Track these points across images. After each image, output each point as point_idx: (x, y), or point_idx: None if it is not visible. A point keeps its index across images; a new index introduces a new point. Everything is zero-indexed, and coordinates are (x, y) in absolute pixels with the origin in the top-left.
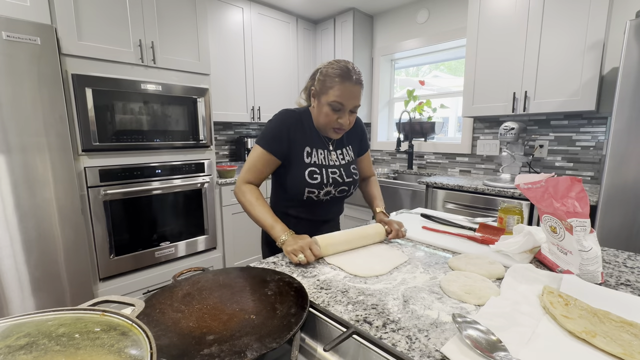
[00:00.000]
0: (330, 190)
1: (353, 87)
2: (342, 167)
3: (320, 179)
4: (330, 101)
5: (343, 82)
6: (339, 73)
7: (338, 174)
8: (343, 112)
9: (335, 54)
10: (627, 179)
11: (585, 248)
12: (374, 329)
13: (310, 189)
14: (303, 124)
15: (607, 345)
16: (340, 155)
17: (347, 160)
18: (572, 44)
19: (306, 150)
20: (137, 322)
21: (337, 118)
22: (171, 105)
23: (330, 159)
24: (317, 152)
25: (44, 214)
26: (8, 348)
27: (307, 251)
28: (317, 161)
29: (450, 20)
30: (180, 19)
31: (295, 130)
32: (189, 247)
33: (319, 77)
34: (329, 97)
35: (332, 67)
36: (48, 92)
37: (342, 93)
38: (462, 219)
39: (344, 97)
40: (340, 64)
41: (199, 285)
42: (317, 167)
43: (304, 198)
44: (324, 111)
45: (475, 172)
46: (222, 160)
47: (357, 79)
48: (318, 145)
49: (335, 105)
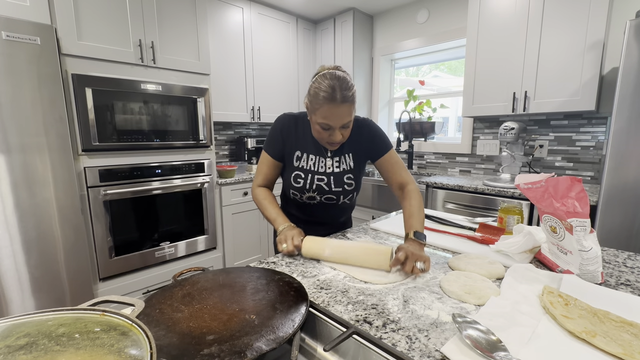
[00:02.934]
0: (313, 196)
1: (338, 108)
2: (333, 176)
3: (302, 184)
4: (318, 122)
5: (328, 104)
6: (324, 96)
7: (325, 181)
8: (333, 130)
9: (335, 54)
10: (627, 179)
11: (585, 248)
12: (374, 329)
13: (294, 191)
14: (297, 129)
15: (607, 345)
16: (336, 162)
17: (343, 168)
18: (572, 44)
19: (296, 154)
20: (137, 322)
21: (329, 135)
22: (171, 105)
23: (323, 165)
24: (308, 157)
25: (43, 214)
26: (8, 348)
27: (288, 240)
28: (304, 166)
29: (450, 20)
30: (180, 19)
31: (287, 134)
32: (189, 247)
33: (310, 91)
34: (317, 117)
35: (317, 86)
36: (48, 92)
37: (327, 115)
38: (462, 219)
39: (330, 119)
40: (327, 83)
41: (199, 285)
42: (303, 171)
43: (291, 198)
44: (316, 128)
45: (475, 172)
46: (222, 160)
47: (342, 98)
48: (311, 150)
49: (323, 125)
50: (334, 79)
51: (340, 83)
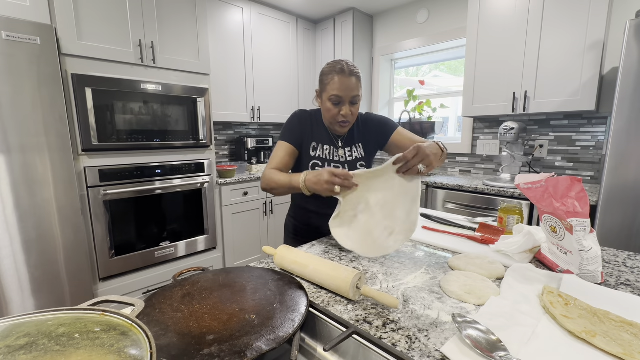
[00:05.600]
0: None
1: (347, 79)
2: (347, 164)
3: None
4: (329, 96)
5: (338, 76)
6: (333, 69)
7: (341, 169)
8: (343, 104)
9: (335, 54)
10: (627, 179)
11: (585, 248)
12: (374, 328)
13: None
14: (312, 121)
15: (607, 345)
16: (348, 152)
17: (355, 157)
18: (572, 44)
19: (312, 145)
20: (137, 322)
21: (339, 111)
22: (171, 105)
23: (337, 154)
24: (322, 147)
25: (43, 214)
26: (8, 348)
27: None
28: (321, 155)
29: (450, 20)
30: (180, 19)
31: (305, 125)
32: (189, 247)
33: (320, 77)
34: (328, 92)
35: (327, 66)
36: (48, 92)
37: (338, 86)
38: (462, 219)
39: (341, 89)
40: (334, 62)
41: (199, 285)
42: (320, 160)
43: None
44: (327, 107)
45: (475, 172)
46: (222, 160)
47: (350, 71)
48: (325, 141)
49: (334, 99)
50: (341, 60)
51: (346, 62)
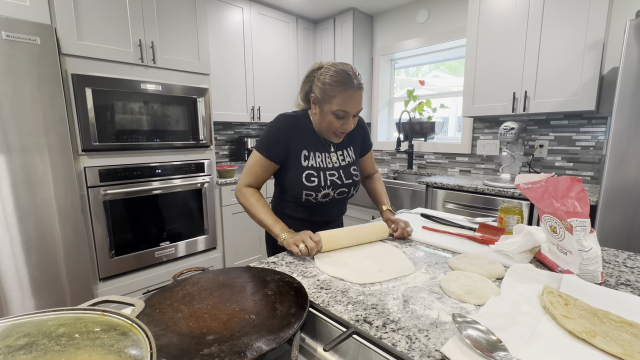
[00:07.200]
0: (328, 193)
1: (355, 93)
2: (342, 169)
3: (317, 182)
4: (334, 110)
5: (346, 90)
6: (341, 80)
7: (337, 176)
8: (347, 118)
9: (335, 53)
10: (627, 179)
11: (585, 248)
12: (374, 328)
13: (308, 191)
14: (301, 128)
15: (607, 345)
16: (340, 156)
17: (348, 161)
18: (572, 43)
19: (303, 154)
20: (137, 322)
21: (342, 124)
22: (171, 105)
23: (330, 161)
24: (315, 155)
25: (43, 214)
26: (8, 348)
27: (307, 240)
28: (314, 164)
29: (450, 20)
30: (180, 19)
31: (292, 135)
32: (189, 247)
33: (319, 84)
34: (332, 106)
35: (332, 74)
36: (48, 92)
37: (345, 101)
38: (462, 219)
39: (348, 105)
40: (340, 69)
41: (199, 285)
42: (314, 170)
43: (302, 200)
44: (327, 119)
45: (475, 172)
46: (222, 160)
47: (358, 84)
48: (317, 148)
49: (339, 113)
50: (346, 67)
51: (353, 71)
